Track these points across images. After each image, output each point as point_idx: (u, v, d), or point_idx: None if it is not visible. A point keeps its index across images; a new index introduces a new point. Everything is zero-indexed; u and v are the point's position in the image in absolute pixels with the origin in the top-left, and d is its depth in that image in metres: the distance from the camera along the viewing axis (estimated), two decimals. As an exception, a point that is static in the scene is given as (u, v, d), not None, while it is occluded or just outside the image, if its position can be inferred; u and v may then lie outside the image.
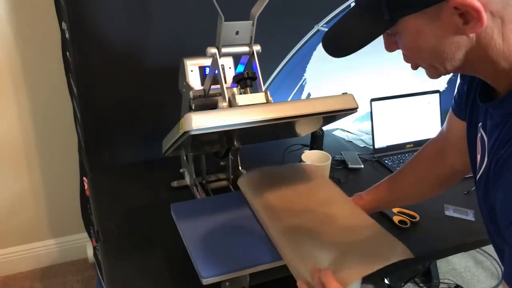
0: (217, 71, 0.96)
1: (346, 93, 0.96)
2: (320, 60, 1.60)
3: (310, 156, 1.30)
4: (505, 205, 0.61)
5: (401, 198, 1.05)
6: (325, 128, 1.54)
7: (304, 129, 1.21)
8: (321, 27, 1.54)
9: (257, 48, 1.00)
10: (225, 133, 0.94)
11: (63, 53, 1.44)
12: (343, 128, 1.73)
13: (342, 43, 0.69)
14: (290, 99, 1.63)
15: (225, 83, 0.97)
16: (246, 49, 0.99)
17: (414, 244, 1.11)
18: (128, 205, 1.20)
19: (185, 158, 1.27)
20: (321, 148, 1.44)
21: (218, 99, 1.07)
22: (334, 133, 1.70)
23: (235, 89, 1.01)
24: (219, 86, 0.97)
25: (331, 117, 0.97)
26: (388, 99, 1.52)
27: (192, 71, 1.08)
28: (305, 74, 1.62)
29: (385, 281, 1.86)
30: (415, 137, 1.58)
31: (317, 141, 1.44)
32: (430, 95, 1.57)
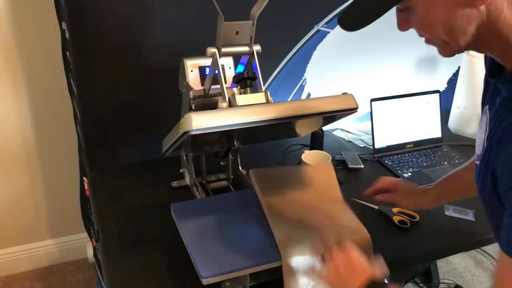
0: (217, 71, 0.96)
1: (346, 93, 0.96)
2: (320, 60, 1.60)
3: (310, 156, 1.30)
4: (506, 170, 0.62)
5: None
6: (325, 128, 1.54)
7: (304, 129, 1.21)
8: (321, 27, 1.54)
9: (257, 48, 1.00)
10: (225, 133, 0.94)
11: (63, 53, 1.44)
12: (343, 128, 1.73)
13: (355, 16, 0.71)
14: (290, 99, 1.62)
15: (225, 83, 0.97)
16: (246, 49, 0.99)
17: (414, 244, 1.13)
18: (128, 205, 1.21)
19: (185, 158, 1.27)
20: (321, 148, 1.44)
21: (218, 99, 1.07)
22: (334, 133, 1.70)
23: (235, 89, 1.01)
24: (219, 86, 0.97)
25: (331, 117, 0.97)
26: (388, 99, 1.52)
27: (192, 71, 1.08)
28: (305, 74, 1.62)
29: (385, 280, 1.86)
30: (415, 137, 1.58)
31: (317, 141, 1.44)
32: (430, 95, 1.57)
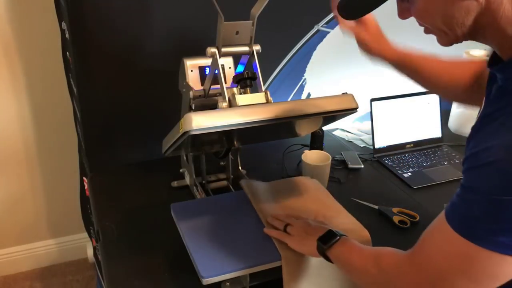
0: (217, 71, 0.96)
1: (346, 93, 0.96)
2: (320, 60, 1.60)
3: (310, 156, 1.30)
4: (469, 153, 0.62)
5: (423, 78, 1.02)
6: (325, 128, 1.54)
7: (304, 129, 1.21)
8: (321, 27, 1.54)
9: (257, 48, 1.00)
10: (225, 133, 0.94)
11: (63, 53, 1.44)
12: (343, 128, 1.73)
13: (355, 5, 0.71)
14: (290, 99, 1.62)
15: (225, 83, 0.97)
16: (246, 49, 0.99)
17: (414, 244, 1.12)
18: (128, 205, 1.20)
19: (185, 158, 1.27)
20: (321, 148, 1.44)
21: (218, 99, 1.07)
22: (334, 133, 1.70)
23: (235, 89, 1.01)
24: (219, 86, 0.97)
25: (331, 117, 0.97)
26: (388, 99, 1.52)
27: (192, 71, 1.08)
28: (305, 74, 1.62)
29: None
30: (415, 137, 1.58)
31: (317, 141, 1.44)
32: (430, 95, 1.56)
